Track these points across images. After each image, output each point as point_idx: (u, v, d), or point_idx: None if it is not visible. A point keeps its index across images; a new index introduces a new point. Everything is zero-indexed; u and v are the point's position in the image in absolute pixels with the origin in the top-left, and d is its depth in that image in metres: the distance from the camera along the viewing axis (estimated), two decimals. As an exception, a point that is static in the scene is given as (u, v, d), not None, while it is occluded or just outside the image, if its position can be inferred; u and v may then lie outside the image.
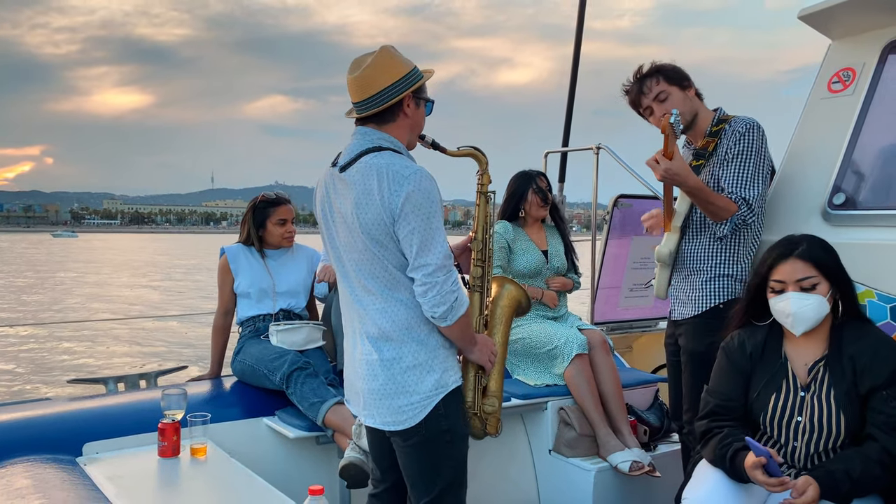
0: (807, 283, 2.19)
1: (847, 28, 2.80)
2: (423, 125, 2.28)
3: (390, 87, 2.13)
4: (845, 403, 2.14)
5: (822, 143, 2.82)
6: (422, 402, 2.12)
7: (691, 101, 2.83)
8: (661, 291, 2.97)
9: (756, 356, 2.29)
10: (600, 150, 4.29)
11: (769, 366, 2.27)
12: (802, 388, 2.21)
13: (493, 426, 2.38)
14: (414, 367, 2.13)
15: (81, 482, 2.30)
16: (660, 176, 2.64)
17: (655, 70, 2.82)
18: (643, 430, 3.54)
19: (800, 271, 2.20)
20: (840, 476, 2.04)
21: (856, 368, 2.15)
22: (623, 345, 4.53)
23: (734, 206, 2.69)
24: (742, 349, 2.31)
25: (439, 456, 2.17)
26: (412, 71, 2.17)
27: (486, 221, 2.40)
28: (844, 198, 2.71)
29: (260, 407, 3.12)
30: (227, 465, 2.49)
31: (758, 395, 2.25)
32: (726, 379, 2.32)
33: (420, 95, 2.22)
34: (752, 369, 2.29)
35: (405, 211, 2.03)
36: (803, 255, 2.21)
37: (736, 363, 2.31)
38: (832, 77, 2.85)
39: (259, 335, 3.36)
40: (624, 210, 4.38)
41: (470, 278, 2.38)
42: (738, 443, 2.16)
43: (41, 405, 2.94)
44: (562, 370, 3.46)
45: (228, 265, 3.45)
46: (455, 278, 2.12)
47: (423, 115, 2.26)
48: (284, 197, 3.55)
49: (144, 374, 3.43)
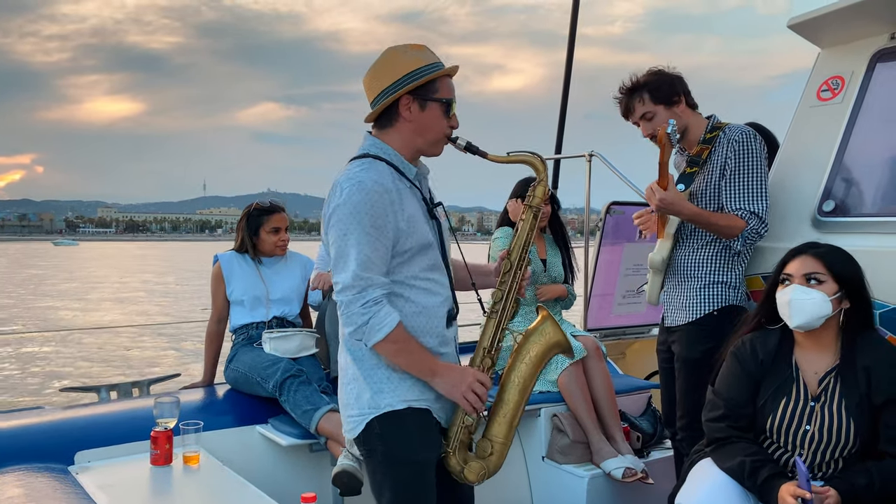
0: (812, 278, 2.19)
1: (836, 37, 2.82)
2: (440, 127, 2.07)
3: (385, 90, 2.03)
4: (857, 413, 2.14)
5: (811, 151, 2.84)
6: (358, 417, 2.06)
7: (679, 117, 2.81)
8: (653, 297, 2.98)
9: (767, 363, 2.27)
10: (593, 157, 4.31)
11: (779, 373, 2.25)
12: (812, 397, 2.20)
13: (473, 472, 2.09)
14: (353, 380, 2.08)
15: (73, 491, 2.30)
16: (655, 206, 2.69)
17: (641, 86, 2.80)
18: (636, 436, 3.54)
19: (808, 266, 2.21)
20: (862, 490, 2.05)
21: (871, 379, 2.15)
22: (616, 351, 4.54)
23: (740, 223, 2.70)
24: (753, 355, 2.29)
25: (380, 474, 2.08)
26: (415, 70, 2.01)
27: (527, 241, 2.16)
28: (834, 205, 2.73)
29: (253, 415, 3.12)
30: (220, 474, 2.48)
31: (765, 403, 2.24)
32: (736, 383, 2.29)
33: (426, 95, 2.03)
34: (762, 376, 2.27)
35: (330, 223, 1.98)
36: (816, 253, 2.22)
37: (747, 368, 2.29)
38: (821, 85, 2.88)
39: (252, 343, 3.36)
40: (617, 217, 4.39)
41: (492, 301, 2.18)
42: (772, 466, 2.14)
43: (33, 414, 2.93)
44: (555, 377, 3.46)
45: (221, 272, 3.45)
46: (370, 299, 1.93)
47: (435, 117, 2.05)
48: (278, 205, 3.55)
49: (137, 383, 3.43)
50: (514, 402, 2.12)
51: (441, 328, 2.10)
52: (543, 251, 3.77)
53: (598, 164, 4.32)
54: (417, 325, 2.05)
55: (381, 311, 1.95)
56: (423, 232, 2.04)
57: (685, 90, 2.85)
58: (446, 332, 2.12)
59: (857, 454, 2.16)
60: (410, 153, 2.09)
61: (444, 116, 2.06)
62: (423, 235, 2.04)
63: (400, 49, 2.07)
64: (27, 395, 10.71)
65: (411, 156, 2.10)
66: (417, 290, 2.05)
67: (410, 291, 2.04)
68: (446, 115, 2.07)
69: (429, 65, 2.04)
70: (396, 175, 2.04)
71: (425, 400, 2.07)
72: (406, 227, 1.99)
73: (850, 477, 2.12)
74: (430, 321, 2.07)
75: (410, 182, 2.07)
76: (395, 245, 1.99)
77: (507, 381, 2.15)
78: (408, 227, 2.00)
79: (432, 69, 2.04)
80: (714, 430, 2.30)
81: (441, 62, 2.08)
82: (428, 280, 2.07)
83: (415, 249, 2.02)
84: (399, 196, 2.00)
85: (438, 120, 2.06)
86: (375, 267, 1.95)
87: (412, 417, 2.05)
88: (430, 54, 2.08)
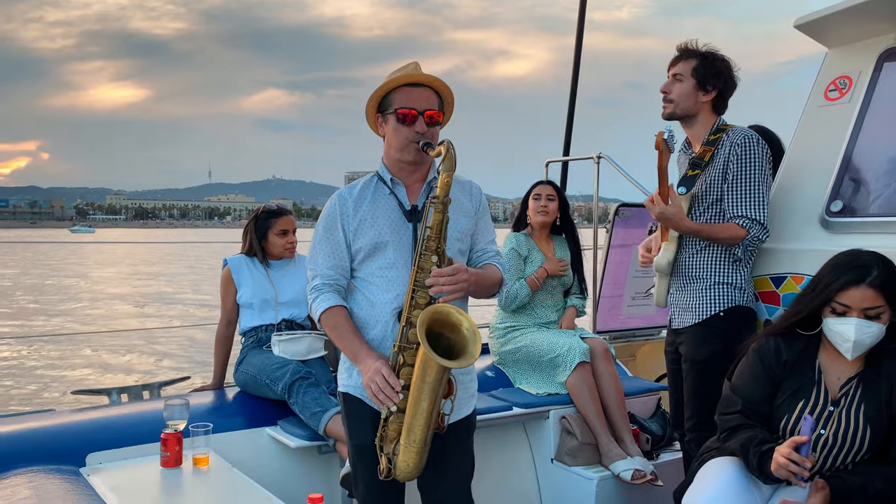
0: (872, 313, 2.12)
1: (843, 37, 2.82)
2: (402, 136, 2.19)
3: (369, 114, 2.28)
4: (874, 420, 2.13)
5: (819, 151, 2.83)
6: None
7: (695, 102, 2.81)
8: (660, 300, 2.98)
9: (790, 364, 2.25)
10: (601, 159, 4.30)
11: (801, 375, 2.23)
12: (832, 401, 2.19)
13: (395, 467, 2.11)
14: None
15: (85, 492, 2.32)
16: (654, 218, 2.72)
17: (696, 54, 2.81)
18: (645, 438, 3.54)
19: (869, 300, 2.11)
20: (856, 489, 2.04)
21: (893, 387, 2.14)
22: (626, 353, 4.53)
23: (741, 232, 2.70)
24: (777, 355, 2.25)
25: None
26: (376, 90, 2.23)
27: (437, 233, 2.11)
28: (842, 205, 2.73)
29: (262, 417, 3.13)
30: (230, 475, 2.50)
31: (782, 403, 2.22)
32: (755, 382, 2.27)
33: (385, 110, 2.23)
34: (784, 377, 2.25)
35: None
36: (875, 283, 2.11)
37: (769, 368, 2.26)
38: (829, 85, 2.87)
39: (261, 345, 3.37)
40: (625, 219, 4.39)
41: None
42: (771, 444, 2.14)
43: (45, 416, 2.96)
44: (564, 379, 3.46)
45: (231, 276, 3.48)
46: (313, 286, 2.26)
47: (394, 128, 2.21)
48: (286, 208, 3.62)
49: (147, 385, 3.45)
50: (408, 409, 2.05)
51: (388, 323, 2.20)
52: (551, 253, 3.77)
53: (605, 166, 4.32)
54: (365, 316, 2.25)
55: (319, 297, 2.24)
56: (375, 234, 2.22)
57: (724, 91, 2.82)
58: (398, 329, 2.15)
59: (866, 462, 2.15)
60: (391, 163, 2.29)
61: (402, 124, 2.20)
62: (375, 237, 2.21)
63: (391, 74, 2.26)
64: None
65: (393, 165, 2.29)
66: (372, 285, 2.24)
67: (365, 286, 2.26)
68: (405, 124, 2.19)
69: (388, 82, 2.22)
70: (379, 184, 2.29)
71: (353, 387, 2.27)
72: (354, 229, 2.24)
73: (845, 475, 2.12)
74: (376, 314, 2.23)
75: (390, 189, 2.27)
76: (350, 245, 2.25)
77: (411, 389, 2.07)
78: (355, 230, 2.23)
79: (384, 85, 2.22)
80: (727, 420, 2.29)
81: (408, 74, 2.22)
82: (382, 277, 2.23)
83: (366, 248, 2.23)
84: (357, 203, 2.25)
85: (398, 130, 2.21)
86: (320, 262, 2.26)
87: (346, 403, 2.31)
88: (398, 72, 2.24)
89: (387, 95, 2.22)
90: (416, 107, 2.18)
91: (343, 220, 2.25)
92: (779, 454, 2.06)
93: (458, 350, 2.03)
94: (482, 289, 2.23)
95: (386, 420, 2.12)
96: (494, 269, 2.30)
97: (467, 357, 1.98)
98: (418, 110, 2.18)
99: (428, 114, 2.19)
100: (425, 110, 2.19)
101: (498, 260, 2.35)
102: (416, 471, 2.11)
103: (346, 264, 2.28)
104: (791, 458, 2.03)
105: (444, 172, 2.08)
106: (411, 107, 2.18)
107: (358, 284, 2.28)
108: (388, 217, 2.24)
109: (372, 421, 2.19)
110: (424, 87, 2.22)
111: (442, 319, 2.03)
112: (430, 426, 2.06)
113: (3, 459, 2.57)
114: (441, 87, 2.23)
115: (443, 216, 2.09)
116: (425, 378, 2.00)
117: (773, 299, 2.87)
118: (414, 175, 2.29)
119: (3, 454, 2.60)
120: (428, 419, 2.04)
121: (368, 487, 2.28)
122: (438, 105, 2.24)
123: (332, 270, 2.26)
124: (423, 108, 2.19)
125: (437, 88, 2.24)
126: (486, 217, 2.36)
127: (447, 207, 2.09)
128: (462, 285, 2.07)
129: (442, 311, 2.03)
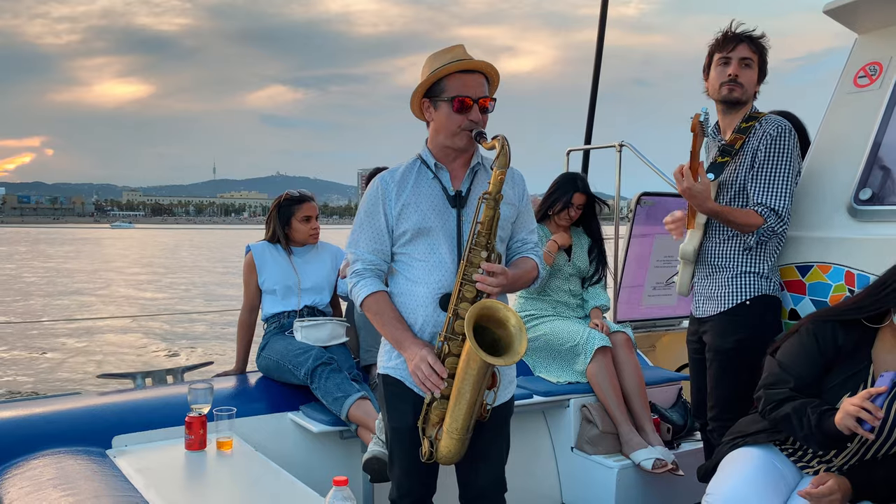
0: None
1: (873, 22, 2.77)
2: (452, 123, 2.18)
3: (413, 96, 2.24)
4: None
5: (847, 138, 2.79)
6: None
7: (755, 90, 2.82)
8: (683, 288, 2.96)
9: (845, 351, 2.22)
10: (623, 147, 4.27)
11: (853, 364, 2.21)
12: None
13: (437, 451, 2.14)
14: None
15: (111, 473, 2.35)
16: (680, 190, 2.67)
17: (759, 44, 2.79)
18: (666, 428, 3.52)
19: None
20: (879, 481, 2.02)
21: None
22: (646, 344, 4.50)
23: (758, 219, 2.68)
24: (834, 338, 2.23)
25: None
26: (428, 75, 2.19)
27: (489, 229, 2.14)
28: (871, 193, 2.69)
29: (284, 402, 3.16)
30: (253, 459, 2.52)
31: (831, 389, 2.20)
32: (808, 360, 2.24)
33: (435, 96, 2.20)
34: (836, 362, 2.23)
35: None
36: None
37: (824, 349, 2.23)
38: (858, 72, 2.82)
39: (284, 331, 3.39)
40: (647, 208, 4.36)
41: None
42: (831, 408, 2.12)
43: (71, 399, 3.00)
44: (584, 367, 3.45)
45: (254, 262, 3.50)
46: (354, 270, 2.25)
47: (451, 116, 2.18)
48: (308, 195, 3.59)
49: (171, 370, 3.49)
50: (451, 399, 2.08)
51: (429, 307, 2.19)
52: (569, 241, 3.75)
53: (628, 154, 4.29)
54: (405, 301, 2.23)
55: (361, 282, 2.23)
56: (419, 219, 2.20)
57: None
58: (440, 314, 2.17)
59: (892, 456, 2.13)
60: (437, 149, 2.27)
61: (456, 112, 2.17)
62: (419, 221, 2.20)
63: (431, 55, 2.23)
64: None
65: (438, 151, 2.26)
66: (414, 269, 2.23)
67: (407, 269, 2.24)
68: (458, 111, 2.17)
69: (438, 67, 2.18)
70: (423, 168, 2.26)
71: (394, 369, 2.25)
72: (397, 213, 2.22)
73: (871, 466, 2.10)
74: (417, 299, 2.21)
75: (434, 174, 2.24)
76: (392, 229, 2.24)
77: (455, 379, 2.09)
78: (398, 214, 2.21)
79: (438, 71, 2.18)
80: (775, 394, 2.25)
81: (456, 61, 2.18)
82: (425, 262, 2.22)
83: (410, 233, 2.21)
84: (400, 187, 2.23)
85: (450, 117, 2.18)
86: (362, 245, 2.25)
87: (386, 385, 2.28)
88: (446, 55, 2.20)
89: (438, 80, 2.19)
90: (472, 94, 2.17)
91: (385, 204, 2.23)
92: (849, 403, 2.02)
93: (504, 346, 2.05)
94: (517, 287, 2.30)
95: (430, 405, 2.14)
96: (532, 263, 2.31)
97: (512, 354, 2.01)
98: (473, 98, 2.16)
99: (482, 102, 2.18)
100: (479, 98, 2.17)
101: (536, 251, 2.35)
102: (458, 456, 2.14)
103: (387, 249, 2.26)
104: (864, 406, 1.99)
105: (498, 169, 2.09)
106: (467, 95, 2.16)
107: (399, 268, 2.27)
108: (432, 202, 2.22)
109: (413, 404, 2.20)
110: (477, 73, 2.20)
111: (489, 315, 2.06)
112: (472, 416, 2.09)
113: (31, 441, 2.61)
114: (493, 72, 2.23)
115: (494, 213, 2.11)
116: (468, 370, 2.02)
117: (800, 288, 2.84)
118: (458, 160, 2.28)
119: (31, 436, 2.64)
120: (470, 409, 2.07)
121: (405, 470, 2.26)
122: (488, 90, 2.24)
123: (374, 255, 2.25)
124: (478, 95, 2.17)
125: (487, 73, 2.23)
126: (528, 207, 2.36)
127: (499, 204, 2.12)
128: (499, 289, 2.13)
129: (490, 306, 2.06)
